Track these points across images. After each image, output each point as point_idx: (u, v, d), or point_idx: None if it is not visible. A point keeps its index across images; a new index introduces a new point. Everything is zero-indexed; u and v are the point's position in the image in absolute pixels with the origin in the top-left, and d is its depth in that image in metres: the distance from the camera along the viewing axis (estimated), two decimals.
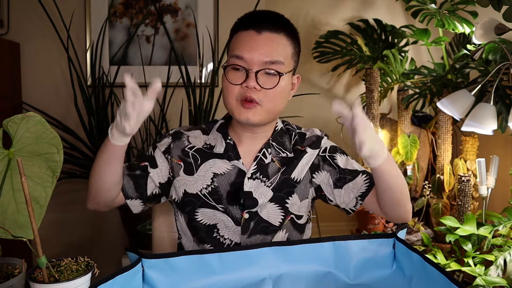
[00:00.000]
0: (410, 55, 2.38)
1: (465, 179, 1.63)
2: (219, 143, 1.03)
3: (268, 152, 1.02)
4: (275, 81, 0.93)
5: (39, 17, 2.08)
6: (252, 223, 0.99)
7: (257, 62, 0.92)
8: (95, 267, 0.70)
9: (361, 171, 1.02)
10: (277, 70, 0.93)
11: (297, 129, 1.09)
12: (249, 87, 0.92)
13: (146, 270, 0.77)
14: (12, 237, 0.68)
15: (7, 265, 0.73)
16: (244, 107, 0.93)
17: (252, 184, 0.99)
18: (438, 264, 0.71)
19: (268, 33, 0.94)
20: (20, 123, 0.68)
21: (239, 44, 0.95)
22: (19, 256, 0.73)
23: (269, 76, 0.94)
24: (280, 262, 0.81)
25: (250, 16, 0.98)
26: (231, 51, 0.97)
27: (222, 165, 1.01)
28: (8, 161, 0.67)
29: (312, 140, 1.06)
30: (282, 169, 1.01)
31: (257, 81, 0.92)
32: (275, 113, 0.98)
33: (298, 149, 1.04)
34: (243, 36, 0.95)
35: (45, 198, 0.71)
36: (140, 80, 2.19)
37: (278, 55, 0.93)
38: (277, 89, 0.94)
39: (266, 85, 0.93)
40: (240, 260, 0.80)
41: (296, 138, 1.06)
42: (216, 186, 1.00)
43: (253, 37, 0.94)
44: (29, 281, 0.66)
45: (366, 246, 0.83)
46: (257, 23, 0.94)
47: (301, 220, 1.04)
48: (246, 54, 0.92)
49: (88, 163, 1.98)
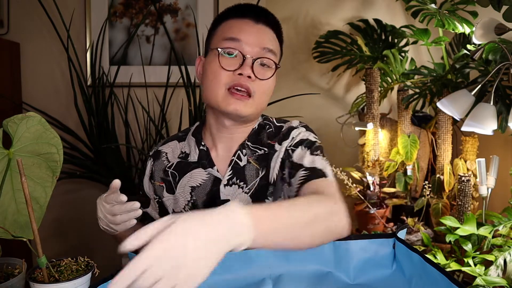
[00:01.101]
0: (410, 55, 2.38)
1: (465, 179, 1.63)
2: (193, 150, 0.98)
3: (243, 153, 0.94)
4: (270, 73, 0.90)
5: (39, 17, 2.08)
6: None
7: (253, 50, 0.87)
8: (95, 267, 0.70)
9: (305, 166, 0.86)
10: (273, 60, 0.90)
11: (277, 122, 1.01)
12: (244, 74, 0.85)
13: None
14: (12, 237, 0.68)
15: (7, 265, 0.73)
16: (234, 97, 0.86)
17: (229, 191, 0.93)
18: (438, 264, 0.71)
19: (263, 25, 0.91)
20: (20, 123, 0.68)
21: (235, 28, 0.89)
22: (19, 256, 0.73)
23: (263, 67, 0.90)
24: (280, 262, 0.80)
25: (246, 6, 0.94)
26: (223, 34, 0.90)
27: (199, 175, 0.96)
28: (8, 161, 0.67)
29: (283, 134, 0.96)
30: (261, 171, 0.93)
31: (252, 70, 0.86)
32: (262, 109, 0.93)
33: (271, 144, 0.95)
34: (238, 22, 0.90)
35: (45, 198, 0.71)
36: (140, 80, 2.19)
37: (273, 46, 0.91)
38: (269, 82, 0.90)
39: (260, 75, 0.88)
40: (240, 260, 0.80)
41: (270, 131, 0.98)
42: (195, 200, 0.95)
43: (251, 24, 0.90)
44: (29, 281, 0.66)
45: (366, 246, 0.82)
46: (255, 14, 0.92)
47: None
48: (243, 37, 0.87)
49: (88, 163, 1.98)
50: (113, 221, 0.79)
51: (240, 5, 0.94)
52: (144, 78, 2.19)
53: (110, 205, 0.79)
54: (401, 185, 2.01)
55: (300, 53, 2.50)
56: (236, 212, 0.53)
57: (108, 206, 0.79)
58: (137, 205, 0.77)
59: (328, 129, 2.42)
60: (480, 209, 1.61)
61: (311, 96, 2.35)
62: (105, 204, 0.80)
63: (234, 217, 0.52)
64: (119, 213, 0.78)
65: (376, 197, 1.96)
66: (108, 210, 0.79)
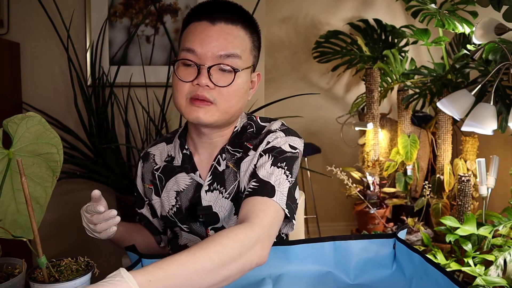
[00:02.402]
0: (410, 55, 2.38)
1: (465, 179, 1.63)
2: (177, 154, 0.94)
3: (223, 158, 0.90)
4: (230, 78, 0.82)
5: (39, 17, 2.08)
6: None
7: (210, 57, 0.81)
8: (95, 267, 0.70)
9: (258, 177, 0.81)
10: (232, 66, 0.82)
11: (261, 122, 0.95)
12: (200, 84, 0.81)
13: None
14: (12, 237, 0.68)
15: (7, 265, 0.72)
16: (195, 105, 0.82)
17: (211, 197, 0.89)
18: (439, 264, 0.71)
19: (223, 24, 0.83)
20: (20, 123, 0.68)
21: (190, 36, 0.84)
22: (19, 256, 0.73)
23: (224, 72, 0.82)
24: (280, 261, 0.80)
25: (203, 6, 0.86)
26: (182, 44, 0.86)
27: (183, 180, 0.93)
28: (8, 161, 0.67)
29: (260, 138, 0.89)
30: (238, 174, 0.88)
31: (210, 78, 0.81)
32: (231, 114, 0.86)
33: (247, 146, 0.89)
34: (195, 28, 0.84)
35: (45, 198, 0.71)
36: (140, 80, 2.19)
37: (234, 48, 0.82)
38: (232, 87, 0.83)
39: (220, 82, 0.82)
40: None
41: (250, 132, 0.92)
42: (179, 205, 0.93)
43: (206, 28, 0.82)
44: (29, 281, 0.66)
45: (367, 246, 0.82)
46: (211, 13, 0.84)
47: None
48: (198, 47, 0.81)
49: (88, 163, 1.98)
50: (95, 229, 0.82)
51: (198, 6, 0.87)
52: (144, 78, 2.18)
53: (90, 215, 0.81)
54: (401, 185, 2.01)
55: (300, 53, 2.50)
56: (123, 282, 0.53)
57: (88, 216, 0.81)
58: (113, 213, 0.78)
59: (328, 129, 2.42)
60: (480, 209, 1.61)
61: (311, 96, 2.35)
62: (86, 214, 0.82)
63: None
64: (98, 222, 0.80)
65: (376, 197, 1.96)
66: (89, 220, 0.81)
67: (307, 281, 0.80)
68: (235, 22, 0.85)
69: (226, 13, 0.84)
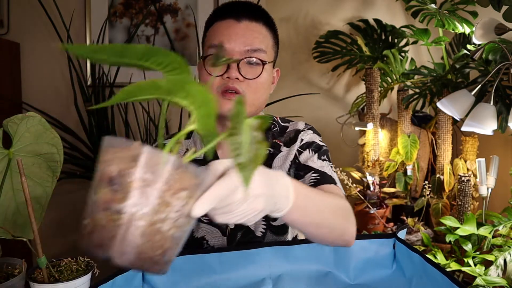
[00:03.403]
0: (410, 55, 2.38)
1: (465, 179, 1.63)
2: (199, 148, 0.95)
3: None
4: (258, 71, 0.88)
5: (39, 17, 2.08)
6: (239, 234, 0.95)
7: (238, 51, 0.87)
8: (95, 267, 0.70)
9: (315, 169, 0.90)
10: (260, 59, 0.88)
11: (282, 122, 1.03)
12: (231, 77, 0.86)
13: None
14: (12, 237, 0.68)
15: (7, 265, 0.72)
16: (226, 97, 0.86)
17: None
18: (439, 264, 0.71)
19: (247, 22, 0.89)
20: (20, 123, 0.68)
21: (216, 33, 0.89)
22: (19, 256, 0.73)
23: (252, 66, 0.88)
24: (280, 261, 0.80)
25: (227, 6, 0.92)
26: (209, 42, 0.91)
27: None
28: (8, 161, 0.67)
29: (290, 137, 0.98)
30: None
31: (239, 71, 0.86)
32: (257, 106, 0.92)
33: (276, 143, 0.97)
34: (220, 26, 0.90)
35: (45, 198, 0.71)
36: (140, 80, 2.20)
37: (260, 43, 0.89)
38: (260, 80, 0.89)
39: (248, 75, 0.87)
40: (240, 259, 0.79)
41: (275, 130, 0.99)
42: None
43: (232, 26, 0.88)
44: (29, 281, 0.66)
45: (366, 246, 0.82)
46: (236, 12, 0.90)
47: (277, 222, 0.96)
48: (226, 43, 0.87)
49: (88, 163, 1.98)
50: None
51: (221, 6, 0.93)
52: (144, 78, 2.18)
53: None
54: (401, 185, 2.01)
55: (300, 53, 2.50)
56: (286, 178, 0.56)
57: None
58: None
59: (328, 129, 2.42)
60: (480, 209, 1.61)
61: (311, 96, 2.35)
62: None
63: (286, 181, 0.56)
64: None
65: (376, 197, 1.96)
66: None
67: (307, 281, 0.80)
68: (258, 20, 0.91)
69: (250, 11, 0.90)
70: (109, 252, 0.41)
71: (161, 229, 0.42)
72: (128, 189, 0.41)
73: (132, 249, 0.41)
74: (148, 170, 0.41)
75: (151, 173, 0.41)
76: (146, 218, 0.41)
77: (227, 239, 0.95)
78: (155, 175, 0.41)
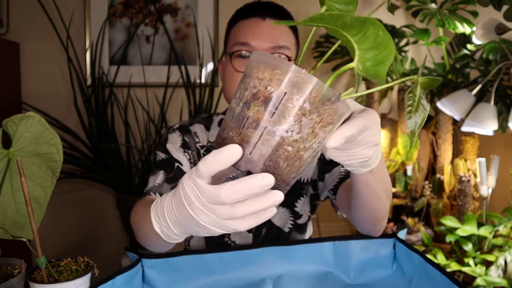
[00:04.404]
0: (410, 55, 2.38)
1: (465, 179, 1.63)
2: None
3: None
4: None
5: (39, 17, 2.08)
6: (264, 230, 0.96)
7: (264, 49, 0.88)
8: (94, 267, 0.70)
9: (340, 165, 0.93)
10: (286, 55, 0.89)
11: None
12: None
13: (146, 270, 0.77)
14: (12, 237, 0.68)
15: (7, 265, 0.72)
16: None
17: None
18: (439, 265, 0.71)
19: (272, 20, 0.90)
20: (20, 123, 0.67)
21: (242, 31, 0.90)
22: (19, 256, 0.73)
23: None
24: (280, 262, 0.80)
25: (251, 5, 0.94)
26: (234, 39, 0.92)
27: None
28: (7, 161, 0.67)
29: None
30: None
31: None
32: None
33: None
34: (245, 24, 0.91)
35: (45, 198, 0.70)
36: (140, 80, 2.19)
37: (284, 40, 0.89)
38: None
39: None
40: (240, 260, 0.79)
41: None
42: None
43: (257, 24, 0.89)
44: (28, 281, 0.66)
45: (366, 246, 0.82)
46: (260, 10, 0.91)
47: (301, 219, 1.02)
48: (251, 40, 0.87)
49: (88, 163, 1.98)
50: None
51: (246, 5, 0.95)
52: (144, 78, 2.18)
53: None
54: (401, 185, 2.01)
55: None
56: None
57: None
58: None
59: None
60: (481, 209, 1.61)
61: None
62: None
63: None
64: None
65: None
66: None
67: (307, 281, 0.79)
68: (280, 18, 0.92)
69: (273, 10, 0.92)
70: (248, 167, 0.43)
71: (303, 156, 0.43)
72: (285, 114, 0.41)
73: (273, 170, 0.43)
74: (308, 100, 0.41)
75: (310, 103, 0.41)
76: (295, 145, 0.42)
77: (253, 235, 0.96)
78: (313, 107, 0.42)
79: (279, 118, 0.41)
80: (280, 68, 0.41)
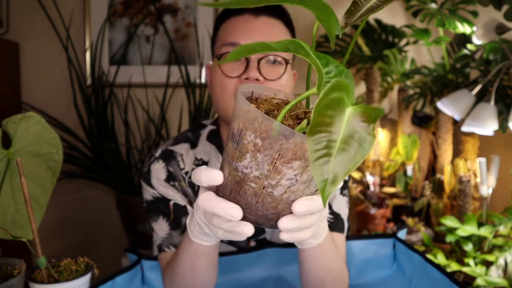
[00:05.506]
0: (411, 55, 2.38)
1: (465, 179, 1.63)
2: (214, 158, 0.85)
3: None
4: (279, 71, 0.78)
5: (39, 17, 2.08)
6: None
7: None
8: (94, 268, 0.70)
9: (332, 209, 0.83)
10: (283, 57, 0.79)
11: None
12: (250, 78, 0.75)
13: (145, 271, 0.77)
14: (12, 237, 0.68)
15: (7, 266, 0.72)
16: None
17: None
18: (439, 265, 0.71)
19: (266, 18, 0.81)
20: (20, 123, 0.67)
21: (233, 29, 0.79)
22: (19, 256, 0.73)
23: (273, 65, 0.78)
24: (280, 262, 0.80)
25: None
26: (223, 39, 0.81)
27: None
28: (7, 161, 0.67)
29: None
30: None
31: (259, 71, 0.76)
32: None
33: None
34: (237, 21, 0.80)
35: (45, 198, 0.70)
36: (140, 80, 2.19)
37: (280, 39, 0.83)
38: (282, 81, 0.78)
39: (269, 75, 0.77)
40: (240, 261, 0.79)
41: None
42: None
43: (250, 21, 0.79)
44: (28, 281, 0.66)
45: (366, 246, 0.82)
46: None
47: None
48: (243, 40, 0.76)
49: (88, 163, 1.98)
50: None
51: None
52: (143, 78, 2.18)
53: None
54: (402, 185, 2.01)
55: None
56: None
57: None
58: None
59: None
60: (481, 209, 1.61)
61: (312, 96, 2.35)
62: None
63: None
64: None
65: (377, 197, 1.96)
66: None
67: None
68: (276, 16, 0.83)
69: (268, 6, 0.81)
70: (225, 198, 0.45)
71: (273, 193, 0.42)
72: (243, 150, 0.41)
73: (244, 204, 0.43)
74: (259, 136, 0.40)
75: (261, 139, 0.40)
76: (258, 181, 0.41)
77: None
78: (266, 143, 0.40)
79: (239, 154, 0.41)
80: (245, 105, 0.41)
